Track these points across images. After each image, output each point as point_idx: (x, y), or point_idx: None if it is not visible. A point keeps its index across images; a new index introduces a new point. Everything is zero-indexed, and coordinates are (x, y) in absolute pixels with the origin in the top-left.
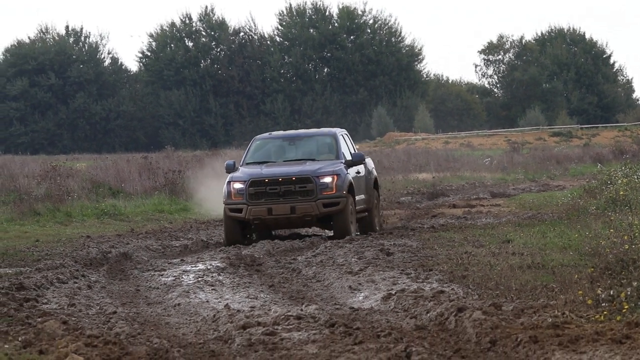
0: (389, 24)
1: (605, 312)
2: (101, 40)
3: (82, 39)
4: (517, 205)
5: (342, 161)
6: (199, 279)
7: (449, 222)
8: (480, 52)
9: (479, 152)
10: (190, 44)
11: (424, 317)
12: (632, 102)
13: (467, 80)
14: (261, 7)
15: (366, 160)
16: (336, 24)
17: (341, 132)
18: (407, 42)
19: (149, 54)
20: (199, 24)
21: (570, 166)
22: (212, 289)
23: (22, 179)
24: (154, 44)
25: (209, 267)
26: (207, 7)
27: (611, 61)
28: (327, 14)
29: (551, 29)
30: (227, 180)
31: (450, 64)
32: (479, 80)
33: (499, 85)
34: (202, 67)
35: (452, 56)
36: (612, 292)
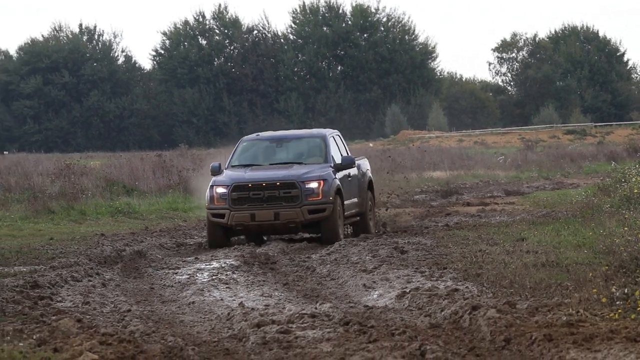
0: (403, 22)
1: (619, 310)
2: (115, 38)
3: (96, 37)
4: (531, 203)
5: (331, 165)
6: (214, 277)
7: (463, 220)
8: (494, 50)
9: (492, 150)
10: (203, 42)
11: (438, 316)
12: None
13: (480, 78)
14: (275, 5)
15: (361, 161)
16: (350, 22)
17: (332, 133)
18: (421, 40)
19: (163, 52)
20: (212, 22)
21: (584, 164)
22: (227, 287)
23: (36, 177)
24: (167, 42)
25: (223, 265)
26: (220, 5)
27: (625, 59)
28: (340, 12)
29: (565, 27)
30: (210, 184)
31: (464, 62)
32: (493, 78)
33: (512, 83)
34: (216, 65)
35: (465, 54)
36: (626, 290)
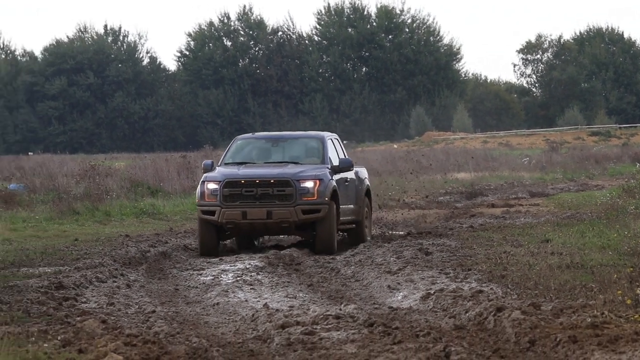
0: (427, 23)
1: None
2: (140, 39)
3: (121, 38)
4: (555, 204)
5: (328, 166)
6: (238, 278)
7: (487, 221)
8: (518, 52)
9: (517, 152)
10: (228, 43)
11: (462, 317)
12: None
13: (505, 79)
14: (299, 7)
15: (359, 169)
16: (374, 23)
17: (331, 136)
18: (446, 41)
19: (188, 53)
20: (237, 23)
21: (608, 166)
22: (251, 288)
23: (61, 178)
24: (192, 43)
25: (247, 267)
26: (245, 6)
27: None
28: (365, 13)
29: (590, 29)
30: (201, 179)
31: (488, 63)
32: (518, 79)
33: (537, 84)
34: (241, 67)
35: (490, 55)
36: None
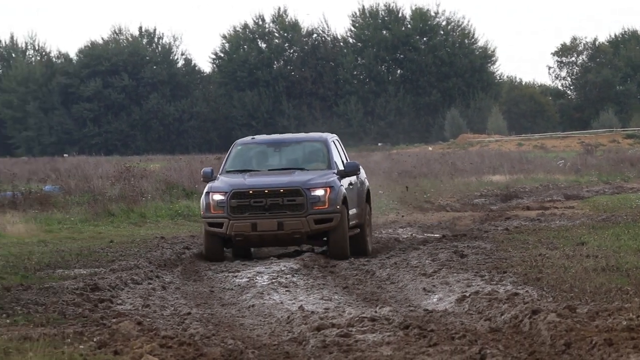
0: (462, 26)
1: None
2: (174, 41)
3: (156, 40)
4: (591, 207)
5: (335, 171)
6: (273, 280)
7: (522, 224)
8: (553, 54)
9: (552, 154)
10: (263, 45)
11: (498, 320)
12: None
13: (540, 82)
14: (334, 9)
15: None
16: (409, 26)
17: (332, 137)
18: (480, 43)
19: (222, 55)
20: (272, 25)
21: None
22: (286, 290)
23: (96, 179)
24: (227, 45)
25: (282, 269)
26: (280, 8)
27: None
28: (400, 15)
29: (625, 31)
30: (205, 190)
31: (523, 65)
32: (552, 82)
33: (572, 87)
34: (275, 69)
35: (525, 58)
36: None
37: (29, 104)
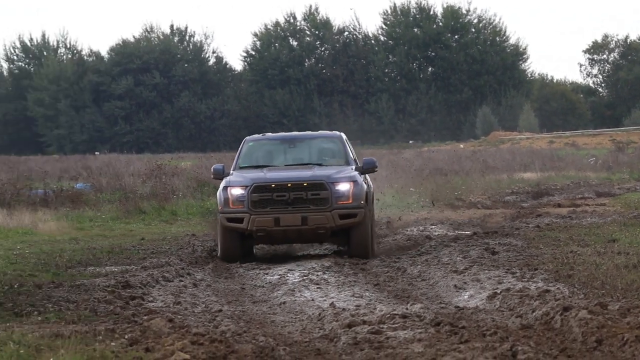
0: (494, 23)
1: None
2: (206, 39)
3: (187, 38)
4: (622, 204)
5: (353, 167)
6: (304, 278)
7: (554, 221)
8: (585, 52)
9: (583, 152)
10: (294, 43)
11: (529, 316)
12: None
13: (571, 79)
14: (365, 7)
15: None
16: (440, 24)
17: (343, 135)
18: (512, 41)
19: (254, 53)
20: (303, 23)
21: None
22: (318, 288)
23: (127, 177)
24: (258, 43)
25: (314, 266)
26: (311, 6)
27: None
28: (431, 13)
29: None
30: (222, 185)
31: (554, 63)
32: (584, 79)
33: (603, 84)
34: (307, 66)
35: (556, 56)
36: None
37: (61, 102)
